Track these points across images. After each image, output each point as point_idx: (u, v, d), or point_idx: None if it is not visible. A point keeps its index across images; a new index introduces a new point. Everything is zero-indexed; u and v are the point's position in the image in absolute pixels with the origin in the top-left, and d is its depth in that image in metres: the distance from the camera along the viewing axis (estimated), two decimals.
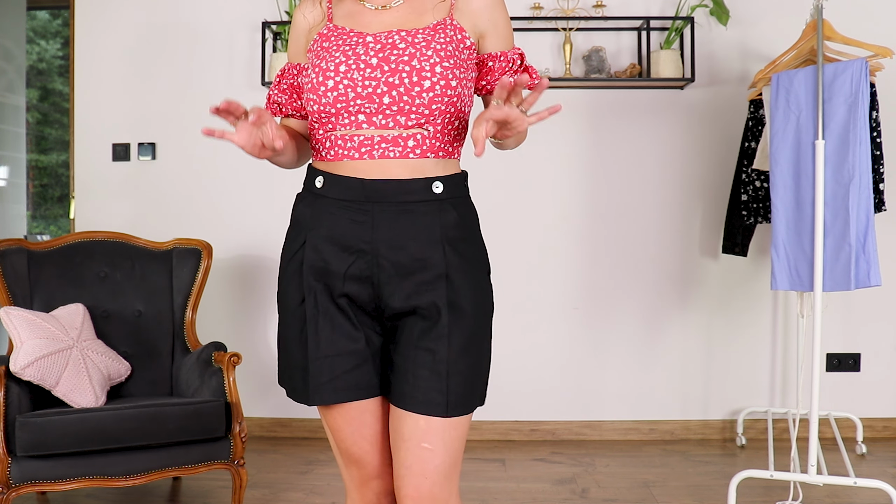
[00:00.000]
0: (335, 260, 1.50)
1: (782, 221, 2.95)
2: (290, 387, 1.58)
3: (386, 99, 1.45)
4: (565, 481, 3.34)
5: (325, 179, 1.50)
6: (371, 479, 1.57)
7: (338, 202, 1.49)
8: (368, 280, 1.49)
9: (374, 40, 1.48)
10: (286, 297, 1.61)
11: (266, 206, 4.04)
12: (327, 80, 1.46)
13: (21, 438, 2.57)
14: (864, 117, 2.78)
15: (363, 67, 1.46)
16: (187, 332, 3.25)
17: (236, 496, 2.83)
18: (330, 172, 1.50)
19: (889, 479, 3.18)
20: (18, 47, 5.67)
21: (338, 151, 1.49)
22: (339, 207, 1.49)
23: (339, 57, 1.47)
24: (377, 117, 1.46)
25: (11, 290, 3.03)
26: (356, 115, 1.47)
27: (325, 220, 1.50)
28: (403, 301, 1.49)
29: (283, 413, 4.06)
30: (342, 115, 1.47)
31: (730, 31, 3.90)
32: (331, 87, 1.46)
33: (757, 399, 3.97)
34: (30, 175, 6.97)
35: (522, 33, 3.92)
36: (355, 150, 1.48)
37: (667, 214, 3.98)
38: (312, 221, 1.52)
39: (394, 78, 1.45)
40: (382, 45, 1.48)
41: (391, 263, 1.48)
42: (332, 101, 1.46)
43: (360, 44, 1.48)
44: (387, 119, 1.46)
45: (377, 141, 1.47)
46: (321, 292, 1.52)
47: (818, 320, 2.83)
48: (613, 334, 4.00)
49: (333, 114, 1.48)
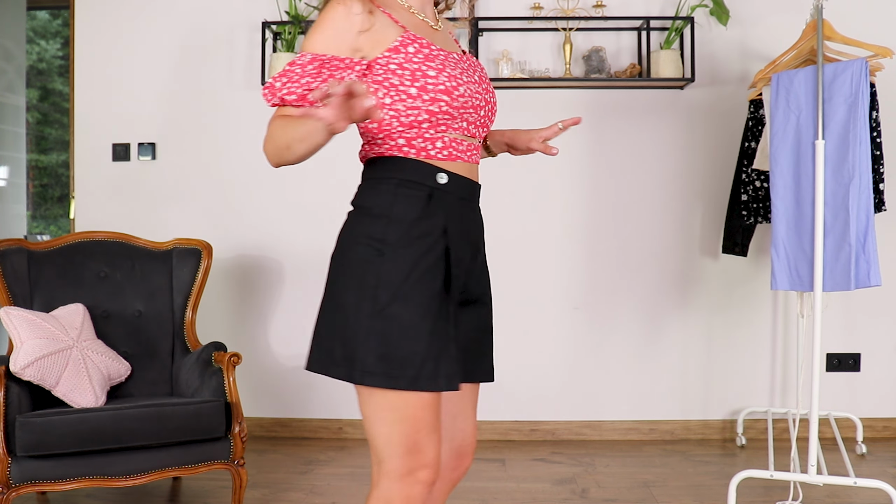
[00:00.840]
0: (466, 254, 1.62)
1: (782, 221, 2.95)
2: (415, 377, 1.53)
3: (482, 112, 1.64)
4: (565, 481, 3.34)
5: (449, 177, 1.60)
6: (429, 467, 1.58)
7: (460, 200, 1.62)
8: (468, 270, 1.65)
9: (461, 59, 1.66)
10: (421, 287, 1.55)
11: (266, 206, 4.04)
12: (460, 86, 1.58)
13: (21, 438, 2.56)
14: (864, 117, 2.78)
15: (474, 82, 1.63)
16: (187, 332, 3.25)
17: (236, 496, 2.83)
18: (448, 171, 1.60)
19: (889, 479, 3.18)
20: (18, 47, 5.67)
21: (451, 152, 1.61)
22: (460, 204, 1.62)
23: (457, 68, 1.60)
24: (472, 126, 1.64)
25: (11, 290, 3.03)
26: (464, 120, 1.61)
27: (454, 215, 1.60)
28: (481, 287, 1.69)
29: (283, 413, 4.06)
30: (458, 119, 1.60)
31: (730, 31, 3.90)
32: (462, 93, 1.58)
33: (757, 399, 3.97)
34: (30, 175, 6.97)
35: (522, 33, 3.93)
36: (463, 152, 1.63)
37: (667, 214, 3.98)
38: (447, 216, 1.59)
39: (489, 95, 1.67)
40: (470, 64, 1.67)
41: (481, 255, 1.69)
42: (460, 105, 1.58)
43: (460, 61, 1.64)
44: (476, 128, 1.65)
45: (472, 147, 1.65)
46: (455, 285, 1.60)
47: (818, 320, 2.83)
48: (614, 334, 4.00)
49: (455, 117, 1.59)
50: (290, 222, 4.04)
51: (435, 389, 1.54)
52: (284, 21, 3.89)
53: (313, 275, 4.03)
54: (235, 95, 4.03)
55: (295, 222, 4.03)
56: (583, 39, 3.93)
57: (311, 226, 4.03)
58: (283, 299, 4.05)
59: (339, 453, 3.77)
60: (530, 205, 3.99)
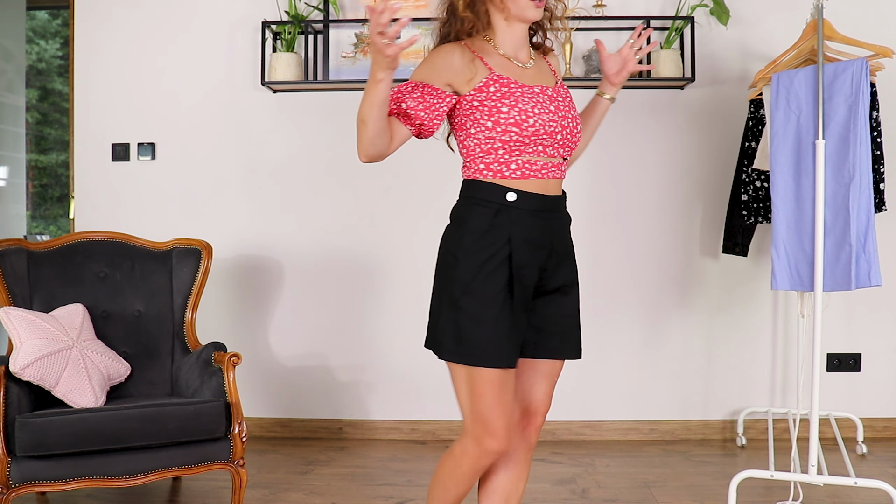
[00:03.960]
0: (533, 257, 1.96)
1: (783, 221, 2.95)
2: (480, 357, 1.91)
3: (559, 136, 1.98)
4: (565, 481, 3.34)
5: (518, 195, 1.95)
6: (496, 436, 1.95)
7: (529, 212, 1.96)
8: (542, 268, 1.99)
9: (542, 91, 1.99)
10: (484, 286, 1.93)
11: (266, 206, 4.04)
12: (529, 118, 1.93)
13: (21, 439, 2.56)
14: (864, 117, 2.78)
15: (548, 112, 1.96)
16: (187, 332, 3.25)
17: (236, 496, 2.83)
18: (519, 189, 1.95)
19: (889, 480, 3.18)
20: (18, 47, 5.67)
21: (524, 171, 1.96)
22: (531, 217, 1.96)
23: (531, 101, 1.95)
24: (549, 148, 1.98)
25: (11, 290, 3.02)
26: (538, 145, 1.96)
27: (522, 226, 1.95)
28: (557, 281, 2.02)
29: (283, 413, 4.06)
30: (532, 144, 1.95)
31: (730, 30, 3.90)
32: (531, 124, 1.93)
33: (757, 399, 3.97)
34: (29, 175, 6.97)
35: None
36: (538, 171, 1.97)
37: (667, 214, 3.98)
38: (512, 228, 1.94)
39: (565, 122, 1.99)
40: (550, 96, 1.99)
41: (558, 255, 2.02)
42: (531, 134, 1.93)
43: (539, 94, 1.97)
44: (555, 150, 1.99)
45: (549, 166, 1.99)
46: (517, 283, 1.93)
47: (818, 320, 2.83)
48: (614, 334, 4.00)
49: (527, 143, 1.94)
50: (290, 222, 4.04)
51: (495, 366, 1.90)
52: (284, 21, 3.88)
53: (313, 275, 4.04)
54: (235, 95, 4.03)
55: (295, 222, 4.03)
56: (583, 39, 3.93)
57: (311, 226, 4.03)
58: (283, 299, 4.05)
59: (339, 453, 3.77)
60: None
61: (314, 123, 4.03)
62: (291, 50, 3.88)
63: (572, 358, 2.08)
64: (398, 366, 4.01)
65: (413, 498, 3.13)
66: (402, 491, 3.22)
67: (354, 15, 3.96)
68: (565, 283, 2.04)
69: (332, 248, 4.03)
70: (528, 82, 1.98)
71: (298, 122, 4.02)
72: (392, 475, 3.44)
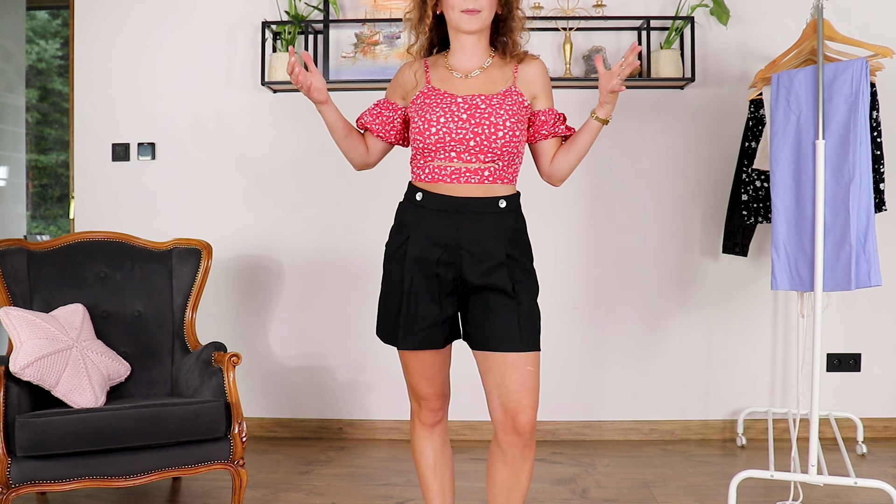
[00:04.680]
0: (430, 251, 2.11)
1: (782, 221, 2.95)
2: (385, 336, 2.21)
3: (472, 143, 2.09)
4: (565, 481, 3.34)
5: (424, 195, 2.14)
6: (422, 400, 2.30)
7: (433, 211, 2.12)
8: (454, 264, 2.12)
9: (463, 100, 2.12)
10: (392, 274, 2.18)
11: (266, 206, 4.04)
12: (431, 127, 2.10)
13: (21, 439, 2.56)
14: (864, 117, 2.78)
15: (456, 120, 2.10)
16: (187, 332, 3.25)
17: (236, 496, 2.83)
18: (427, 190, 2.14)
19: (889, 480, 3.18)
20: (18, 47, 5.67)
21: (434, 176, 2.13)
22: (434, 215, 2.12)
23: (439, 111, 2.11)
24: (464, 154, 2.11)
25: (11, 290, 3.02)
26: (449, 152, 2.11)
27: (423, 223, 2.13)
28: (477, 279, 2.11)
29: (283, 413, 4.06)
30: (440, 152, 2.11)
31: (730, 30, 3.90)
32: (433, 132, 2.10)
33: (757, 399, 3.97)
34: (29, 175, 6.97)
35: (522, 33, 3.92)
36: (447, 175, 2.12)
37: (667, 214, 3.98)
38: (414, 224, 2.14)
39: (478, 129, 2.09)
40: (469, 104, 2.12)
41: (470, 253, 2.11)
42: (434, 142, 2.10)
43: (454, 102, 2.12)
44: (471, 156, 2.11)
45: (463, 171, 2.11)
46: (417, 273, 2.12)
47: (818, 320, 2.83)
48: (613, 334, 4.00)
49: (433, 150, 2.11)
50: (290, 222, 4.04)
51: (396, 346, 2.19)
52: (284, 21, 3.89)
53: (313, 275, 4.04)
54: (235, 95, 4.03)
55: (295, 222, 4.03)
56: (583, 39, 3.93)
57: (311, 226, 4.03)
58: (283, 299, 4.05)
59: (339, 453, 3.77)
60: (530, 204, 3.96)
61: (314, 123, 4.01)
62: None
63: (514, 351, 2.11)
64: (398, 366, 3.97)
65: (413, 498, 3.13)
66: (402, 491, 3.22)
67: (354, 15, 3.97)
68: (492, 283, 2.11)
69: (332, 248, 4.03)
70: (457, 92, 2.14)
71: (298, 122, 4.02)
72: (392, 475, 3.44)
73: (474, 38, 2.17)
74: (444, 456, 2.37)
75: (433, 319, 2.13)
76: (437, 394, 2.29)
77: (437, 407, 2.31)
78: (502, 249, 2.12)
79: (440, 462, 2.36)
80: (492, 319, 2.12)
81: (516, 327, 2.12)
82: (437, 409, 2.31)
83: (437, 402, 2.30)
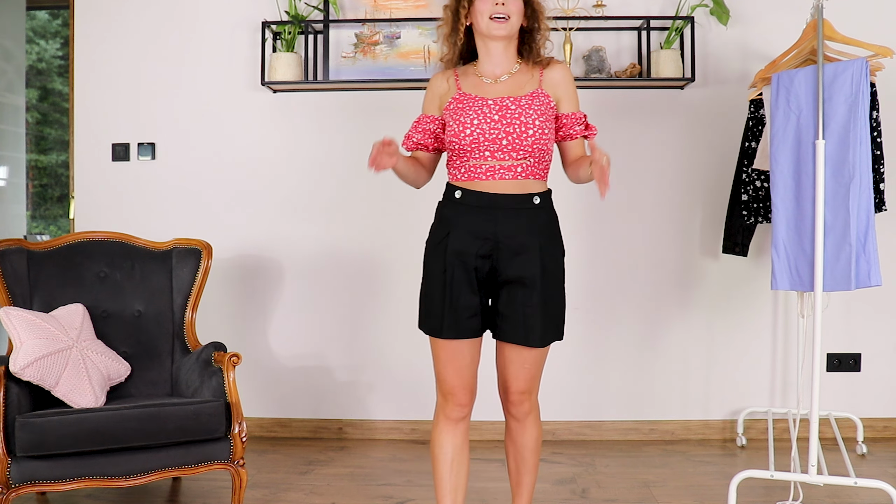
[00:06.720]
0: (471, 245, 2.27)
1: (782, 221, 2.95)
2: (430, 327, 2.33)
3: (504, 142, 2.25)
4: (565, 481, 3.34)
5: (463, 192, 2.29)
6: (450, 395, 2.37)
7: (471, 207, 2.28)
8: (489, 258, 2.27)
9: (494, 103, 2.28)
10: (433, 268, 2.32)
11: (266, 206, 4.04)
12: (465, 129, 2.27)
13: (21, 439, 2.56)
14: (864, 117, 2.78)
15: (489, 121, 2.26)
16: (187, 332, 3.25)
17: (236, 496, 2.83)
18: (465, 188, 2.29)
19: (889, 479, 3.18)
20: (18, 47, 5.67)
21: (470, 174, 2.30)
22: (473, 211, 2.27)
23: (472, 114, 2.28)
24: (498, 153, 2.27)
25: (11, 290, 3.02)
26: (483, 151, 2.27)
27: (463, 218, 2.28)
28: (511, 271, 2.26)
29: (283, 413, 4.06)
30: (475, 152, 2.27)
31: (730, 30, 3.90)
32: (468, 134, 2.26)
33: (757, 399, 3.97)
34: (29, 175, 6.97)
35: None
36: (483, 173, 2.28)
37: (667, 214, 3.98)
38: (454, 220, 2.29)
39: (510, 128, 2.25)
40: (500, 106, 2.27)
41: (506, 246, 2.26)
42: (469, 143, 2.26)
43: (486, 105, 2.28)
44: (504, 154, 2.26)
45: (497, 168, 2.27)
46: (457, 266, 2.27)
47: (818, 320, 2.83)
48: (613, 334, 4.00)
49: (469, 150, 2.27)
50: (290, 222, 4.04)
51: (438, 336, 2.30)
52: (284, 21, 3.89)
53: (313, 275, 4.04)
54: (235, 95, 4.03)
55: (295, 222, 4.03)
56: (583, 39, 3.93)
57: (311, 226, 4.03)
58: (283, 299, 4.05)
59: (339, 453, 3.77)
60: None
61: (314, 123, 4.03)
62: (291, 50, 3.88)
63: (531, 346, 2.29)
64: (398, 366, 4.01)
65: (413, 498, 3.13)
66: (402, 491, 3.22)
67: (354, 15, 3.96)
68: (524, 276, 2.26)
69: (332, 248, 4.03)
70: (488, 95, 2.30)
71: (298, 122, 4.02)
72: (392, 475, 3.44)
73: (502, 46, 2.33)
74: (463, 454, 2.42)
75: (474, 310, 2.28)
76: (465, 387, 2.36)
77: (463, 402, 2.38)
78: (536, 242, 2.27)
79: (458, 459, 2.41)
80: (524, 313, 2.26)
81: (539, 322, 2.27)
82: (464, 404, 2.38)
83: (465, 396, 2.37)
